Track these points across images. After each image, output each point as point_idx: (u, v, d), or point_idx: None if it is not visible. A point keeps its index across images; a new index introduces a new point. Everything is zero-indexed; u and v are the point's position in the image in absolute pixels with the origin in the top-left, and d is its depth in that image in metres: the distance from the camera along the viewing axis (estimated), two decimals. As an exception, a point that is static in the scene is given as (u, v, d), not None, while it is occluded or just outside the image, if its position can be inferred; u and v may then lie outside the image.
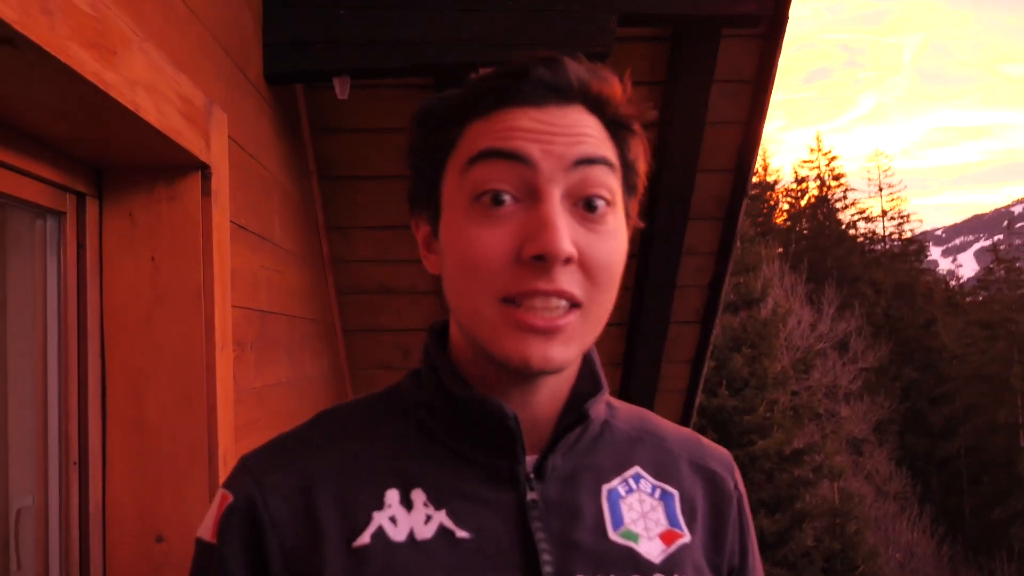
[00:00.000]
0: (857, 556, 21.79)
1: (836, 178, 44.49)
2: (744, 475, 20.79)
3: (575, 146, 0.82)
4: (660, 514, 0.91)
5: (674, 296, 3.36)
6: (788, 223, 43.78)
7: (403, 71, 2.38)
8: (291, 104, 2.67)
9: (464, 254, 0.81)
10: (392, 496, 0.84)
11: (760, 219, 38.39)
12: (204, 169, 1.70)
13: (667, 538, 0.89)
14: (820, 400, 25.00)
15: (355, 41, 2.33)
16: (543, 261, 0.78)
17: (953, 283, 57.69)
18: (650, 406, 3.80)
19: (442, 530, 0.83)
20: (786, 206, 44.79)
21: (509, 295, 0.80)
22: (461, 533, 0.83)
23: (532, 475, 0.87)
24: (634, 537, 0.88)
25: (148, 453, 1.65)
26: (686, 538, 0.91)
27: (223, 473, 1.70)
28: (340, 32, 2.33)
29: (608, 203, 0.83)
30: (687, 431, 1.03)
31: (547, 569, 0.82)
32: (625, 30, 2.74)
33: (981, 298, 41.04)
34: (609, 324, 0.87)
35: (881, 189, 45.82)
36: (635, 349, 3.51)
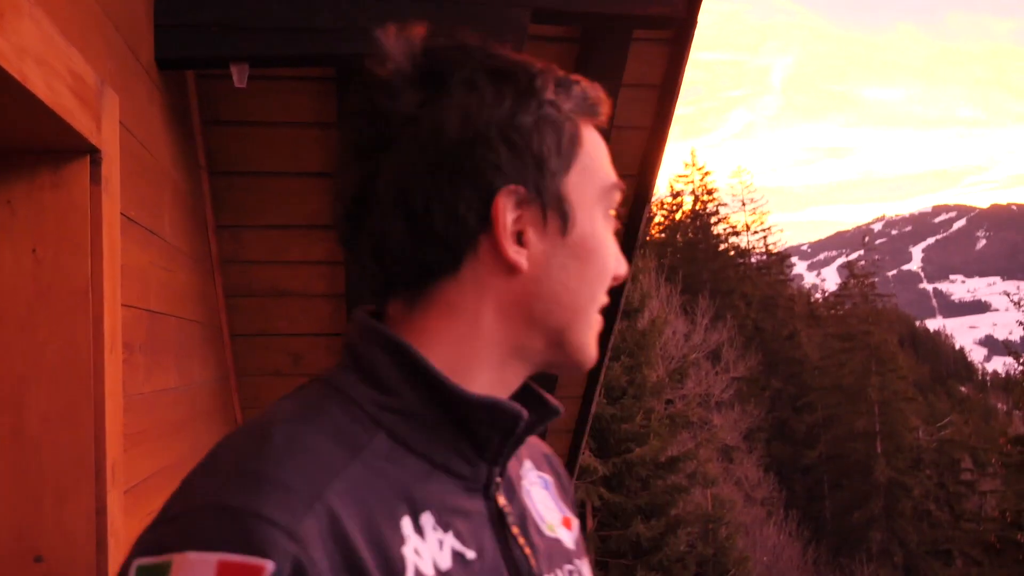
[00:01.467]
0: (728, 560, 22.40)
1: (709, 192, 45.84)
2: (621, 482, 21.19)
3: None
4: (551, 503, 0.94)
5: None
6: (663, 235, 44.84)
7: (305, 60, 2.27)
8: (181, 93, 2.51)
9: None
10: (407, 525, 0.74)
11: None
12: (94, 154, 1.56)
13: (567, 523, 0.93)
14: (694, 409, 25.62)
15: (254, 27, 2.20)
16: (617, 282, 0.87)
17: (816, 297, 60.18)
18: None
19: (456, 555, 0.75)
20: (660, 218, 45.86)
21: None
22: (470, 554, 0.77)
23: (499, 480, 0.82)
24: (553, 528, 0.90)
25: (26, 465, 1.49)
26: (576, 520, 0.96)
27: (112, 487, 1.55)
28: (238, 16, 2.19)
29: None
30: None
31: None
32: (535, 29, 2.69)
33: (842, 312, 42.86)
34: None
35: (744, 204, 47.44)
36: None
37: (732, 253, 45.15)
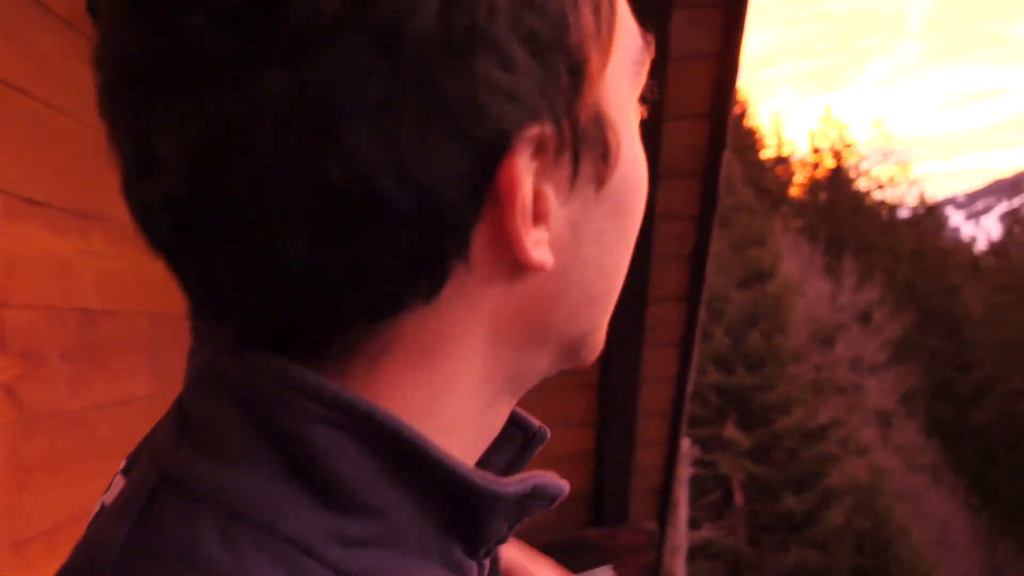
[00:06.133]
0: (889, 533, 21.27)
1: (848, 147, 43.80)
2: (767, 454, 20.35)
3: None
4: None
5: (650, 269, 2.88)
6: (802, 194, 43.20)
7: None
8: None
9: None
10: None
11: (773, 191, 37.93)
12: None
13: None
14: (843, 373, 24.42)
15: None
16: None
17: (976, 249, 56.81)
18: (634, 398, 3.32)
19: None
20: (800, 178, 44.22)
21: None
22: None
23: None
24: None
25: None
26: None
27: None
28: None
29: None
30: None
31: None
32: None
33: (1007, 263, 40.21)
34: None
35: (886, 156, 45.15)
36: (607, 334, 3.02)
37: (879, 208, 43.05)
